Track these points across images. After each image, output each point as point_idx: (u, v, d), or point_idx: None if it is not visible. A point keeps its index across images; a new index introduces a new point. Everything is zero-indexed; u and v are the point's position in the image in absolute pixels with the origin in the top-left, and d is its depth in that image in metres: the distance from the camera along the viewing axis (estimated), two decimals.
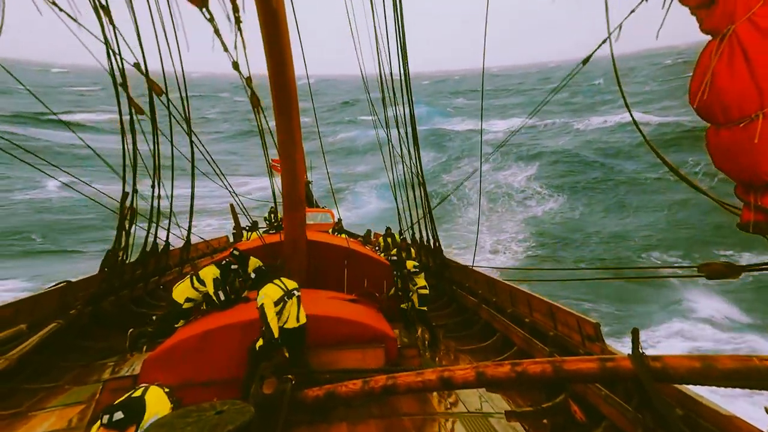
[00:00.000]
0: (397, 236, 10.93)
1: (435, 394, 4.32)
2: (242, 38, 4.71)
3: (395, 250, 8.35)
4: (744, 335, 13.22)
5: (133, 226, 7.21)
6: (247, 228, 12.20)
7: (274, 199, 6.24)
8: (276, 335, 4.09)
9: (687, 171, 27.79)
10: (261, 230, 10.85)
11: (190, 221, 8.64)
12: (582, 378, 3.08)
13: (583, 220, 25.78)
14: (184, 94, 6.77)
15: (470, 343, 6.44)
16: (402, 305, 7.10)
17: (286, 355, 4.24)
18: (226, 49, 4.91)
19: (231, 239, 13.66)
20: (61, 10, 3.80)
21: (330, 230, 12.69)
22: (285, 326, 4.24)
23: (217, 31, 4.72)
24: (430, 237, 8.91)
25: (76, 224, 23.47)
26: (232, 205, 13.31)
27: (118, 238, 7.12)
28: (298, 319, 4.33)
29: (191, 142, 7.66)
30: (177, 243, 9.02)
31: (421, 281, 6.78)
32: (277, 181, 6.13)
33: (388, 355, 4.53)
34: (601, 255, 20.60)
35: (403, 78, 8.02)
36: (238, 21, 4.52)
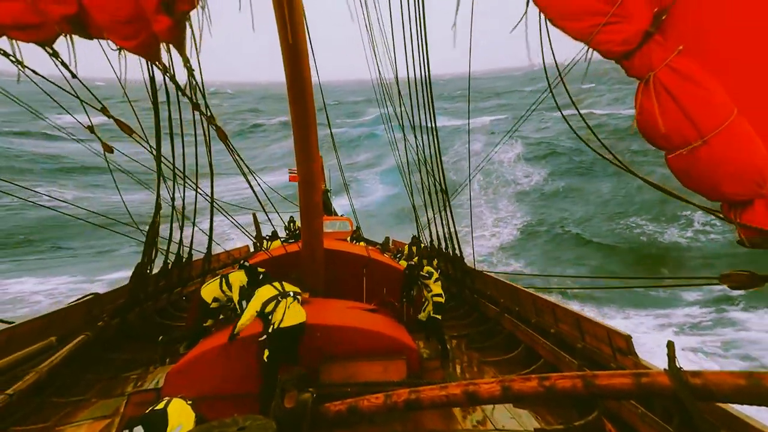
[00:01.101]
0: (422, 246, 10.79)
1: (460, 408, 4.20)
2: (196, 83, 4.87)
3: (416, 258, 8.24)
4: None
5: (157, 240, 7.40)
6: (268, 237, 12.36)
7: (260, 203, 6.29)
8: (230, 337, 4.23)
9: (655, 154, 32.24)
10: (281, 239, 10.96)
11: (210, 234, 8.82)
12: (615, 394, 2.92)
13: (566, 192, 30.08)
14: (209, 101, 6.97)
15: (494, 354, 6.26)
16: (420, 315, 6.99)
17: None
18: (184, 94, 5.11)
19: (252, 249, 13.85)
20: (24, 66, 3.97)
21: (348, 238, 12.71)
22: (281, 325, 4.22)
23: (173, 79, 4.87)
24: (449, 244, 8.79)
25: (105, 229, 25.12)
26: (254, 215, 13.51)
27: (146, 251, 7.31)
28: (294, 318, 4.28)
29: (209, 153, 7.85)
30: (197, 255, 9.25)
31: (436, 288, 6.62)
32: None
33: (410, 367, 4.44)
34: (583, 219, 25.30)
35: (422, 81, 7.92)
36: (190, 70, 4.70)
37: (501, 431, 3.79)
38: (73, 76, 4.28)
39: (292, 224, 14.49)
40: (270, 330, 4.23)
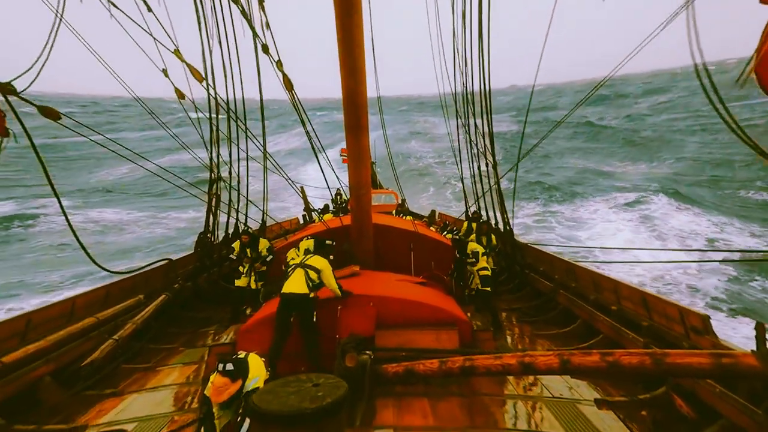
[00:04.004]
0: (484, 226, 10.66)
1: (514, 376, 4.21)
2: (266, 19, 4.76)
3: (473, 235, 8.20)
4: None
5: (219, 210, 7.98)
6: (318, 210, 12.79)
7: (316, 152, 6.45)
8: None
9: None
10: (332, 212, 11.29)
11: (265, 206, 9.28)
12: (691, 374, 2.78)
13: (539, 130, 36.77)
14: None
15: (547, 329, 6.16)
16: (466, 291, 7.00)
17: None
18: (253, 30, 5.13)
19: (301, 221, 14.42)
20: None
21: (393, 211, 12.80)
22: (282, 291, 4.50)
23: (244, 14, 4.87)
24: (500, 219, 8.60)
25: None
26: (302, 188, 13.97)
27: (207, 221, 7.91)
28: (290, 287, 4.47)
29: (264, 135, 8.19)
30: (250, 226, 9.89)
31: (481, 263, 6.62)
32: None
33: (462, 337, 4.50)
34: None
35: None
36: (260, 2, 4.62)
37: (559, 399, 3.77)
38: (149, 9, 4.48)
39: (338, 197, 14.82)
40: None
